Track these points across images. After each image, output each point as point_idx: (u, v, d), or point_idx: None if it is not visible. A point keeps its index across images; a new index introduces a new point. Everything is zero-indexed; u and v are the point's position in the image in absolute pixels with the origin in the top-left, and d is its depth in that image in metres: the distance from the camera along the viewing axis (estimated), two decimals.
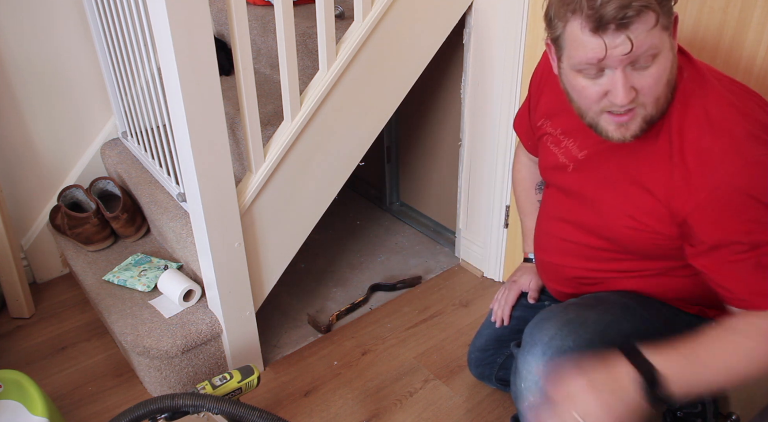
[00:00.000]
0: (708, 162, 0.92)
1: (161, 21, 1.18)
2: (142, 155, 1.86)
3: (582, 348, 1.03)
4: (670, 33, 0.89)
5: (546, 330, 1.06)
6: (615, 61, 0.87)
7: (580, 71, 0.92)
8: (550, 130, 1.18)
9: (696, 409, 1.42)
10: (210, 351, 1.60)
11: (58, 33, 1.83)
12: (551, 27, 0.93)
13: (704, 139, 0.93)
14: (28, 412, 1.30)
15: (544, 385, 1.03)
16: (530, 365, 1.05)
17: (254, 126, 1.41)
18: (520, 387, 1.08)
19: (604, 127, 0.96)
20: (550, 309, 1.11)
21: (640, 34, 0.85)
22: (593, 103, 0.94)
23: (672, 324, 1.11)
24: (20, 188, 1.92)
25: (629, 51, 0.86)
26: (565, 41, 0.91)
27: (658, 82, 0.90)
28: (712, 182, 0.91)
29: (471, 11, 1.71)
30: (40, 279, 2.05)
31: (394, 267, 2.10)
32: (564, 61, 0.94)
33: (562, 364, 1.00)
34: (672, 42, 0.90)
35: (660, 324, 1.09)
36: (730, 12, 1.20)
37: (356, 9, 1.46)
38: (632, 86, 0.90)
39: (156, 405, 1.10)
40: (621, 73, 0.88)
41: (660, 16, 0.86)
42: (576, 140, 1.12)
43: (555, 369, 1.00)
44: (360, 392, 1.63)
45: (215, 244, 1.43)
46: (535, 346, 1.05)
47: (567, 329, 1.05)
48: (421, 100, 2.11)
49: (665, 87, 0.92)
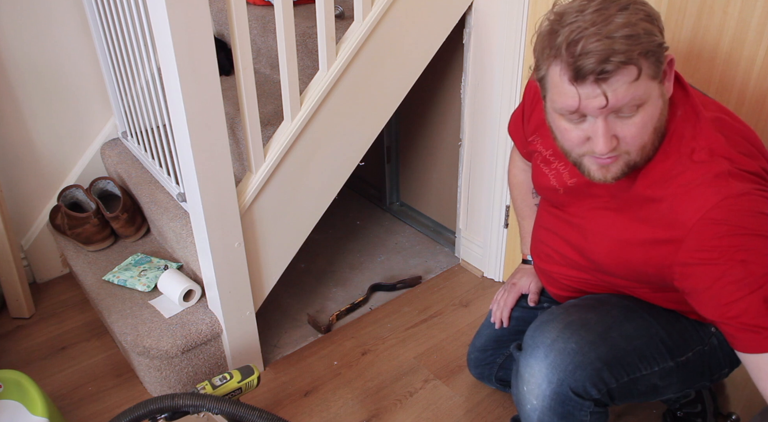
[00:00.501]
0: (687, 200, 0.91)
1: (161, 21, 1.18)
2: (142, 155, 1.86)
3: (584, 350, 1.04)
4: (659, 80, 0.87)
5: (548, 333, 1.06)
6: (593, 111, 0.86)
7: (562, 115, 0.91)
8: (541, 149, 1.17)
9: (696, 409, 1.43)
10: (210, 351, 1.60)
11: (58, 33, 1.83)
12: (536, 66, 0.92)
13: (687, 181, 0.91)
14: (28, 412, 1.30)
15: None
16: (533, 368, 1.05)
17: (254, 126, 1.41)
18: (523, 390, 1.08)
19: (586, 167, 0.96)
20: (551, 312, 1.11)
21: (620, 87, 0.83)
22: (575, 146, 0.93)
23: (673, 326, 1.11)
24: (20, 188, 1.92)
25: (604, 105, 0.84)
26: (548, 84, 0.90)
27: (642, 130, 0.88)
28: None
29: (471, 11, 1.71)
30: (40, 279, 2.05)
31: (394, 267, 2.10)
32: (548, 102, 0.93)
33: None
34: (662, 89, 0.88)
35: (661, 326, 1.09)
36: (730, 12, 1.20)
37: (356, 9, 1.46)
38: (614, 134, 0.88)
39: (156, 405, 1.10)
40: (602, 122, 0.87)
41: (643, 69, 0.83)
42: (567, 165, 1.11)
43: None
44: (360, 392, 1.63)
45: (215, 244, 1.43)
46: (537, 349, 1.05)
47: (569, 331, 1.05)
48: (421, 100, 2.11)
49: (652, 134, 0.90)
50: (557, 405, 1.05)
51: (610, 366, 1.04)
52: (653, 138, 0.91)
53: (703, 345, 1.13)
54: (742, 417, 1.47)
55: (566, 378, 1.03)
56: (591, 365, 1.03)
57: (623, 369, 1.06)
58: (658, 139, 0.92)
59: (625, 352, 1.06)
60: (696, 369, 1.13)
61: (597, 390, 1.05)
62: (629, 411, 1.55)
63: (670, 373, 1.10)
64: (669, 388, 1.13)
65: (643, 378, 1.08)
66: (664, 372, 1.10)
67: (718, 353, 1.14)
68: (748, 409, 1.46)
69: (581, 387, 1.03)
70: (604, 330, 1.06)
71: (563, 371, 1.03)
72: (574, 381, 1.03)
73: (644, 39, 0.82)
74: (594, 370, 1.03)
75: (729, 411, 1.50)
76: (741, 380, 1.45)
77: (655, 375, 1.09)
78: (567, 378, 1.03)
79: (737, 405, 1.48)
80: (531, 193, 1.41)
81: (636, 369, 1.07)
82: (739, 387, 1.47)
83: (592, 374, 1.03)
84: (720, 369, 1.17)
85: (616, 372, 1.05)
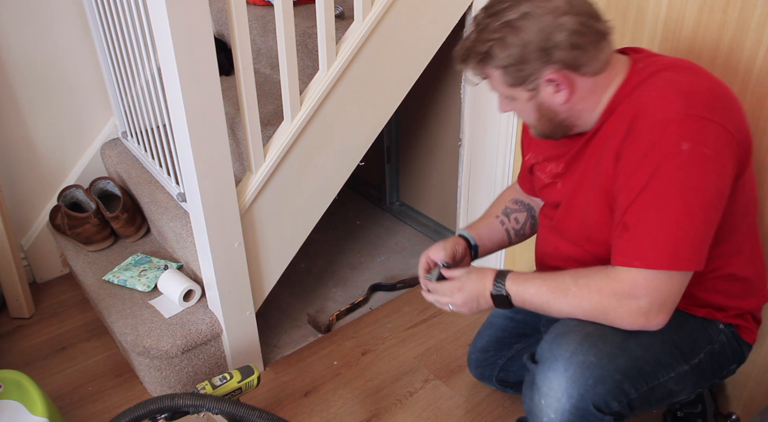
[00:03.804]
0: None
1: (161, 21, 1.18)
2: (142, 155, 1.86)
3: (603, 363, 1.02)
4: (529, 89, 1.02)
5: (566, 346, 1.04)
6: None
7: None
8: (535, 159, 1.26)
9: (696, 409, 1.42)
10: (210, 351, 1.60)
11: (58, 33, 1.83)
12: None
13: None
14: (28, 412, 1.30)
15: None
16: (552, 381, 1.03)
17: (254, 126, 1.41)
18: (540, 404, 1.06)
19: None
20: (566, 324, 1.09)
21: (492, 80, 1.06)
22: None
23: (683, 328, 1.10)
24: (20, 188, 1.92)
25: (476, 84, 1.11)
26: None
27: (524, 115, 1.09)
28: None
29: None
30: (40, 279, 2.05)
31: (394, 267, 2.10)
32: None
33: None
34: (535, 94, 1.03)
35: (672, 330, 1.06)
36: (730, 12, 1.20)
37: (356, 9, 1.46)
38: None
39: (156, 405, 1.10)
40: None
41: (493, 78, 1.04)
42: (554, 160, 1.18)
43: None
44: (360, 392, 1.63)
45: (215, 244, 1.43)
46: (556, 362, 1.04)
47: (587, 344, 1.03)
48: (421, 100, 2.10)
49: (541, 119, 1.07)
50: (576, 419, 1.03)
51: (629, 378, 1.03)
52: (545, 123, 1.07)
53: (712, 344, 1.13)
54: (742, 417, 1.46)
55: (587, 392, 1.01)
56: (611, 377, 1.02)
57: (642, 378, 1.05)
58: (559, 124, 1.07)
59: (644, 362, 1.05)
60: (708, 369, 1.13)
61: (618, 403, 1.03)
62: None
63: (685, 377, 1.10)
64: (683, 391, 1.13)
65: (661, 386, 1.07)
66: (679, 376, 1.09)
67: (727, 349, 1.14)
68: (748, 409, 1.46)
69: (602, 402, 1.02)
70: (621, 341, 1.04)
71: (583, 385, 1.01)
72: (595, 396, 1.01)
73: (498, 56, 1.00)
74: (614, 383, 1.02)
75: (729, 411, 1.50)
76: (741, 380, 1.45)
77: (671, 381, 1.08)
78: (587, 392, 1.01)
79: (737, 405, 1.48)
80: (508, 202, 1.45)
81: (654, 377, 1.06)
82: (739, 387, 1.47)
83: (612, 387, 1.02)
84: (728, 366, 1.17)
85: (636, 382, 1.04)
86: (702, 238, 0.95)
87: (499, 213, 1.40)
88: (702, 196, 0.92)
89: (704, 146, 0.91)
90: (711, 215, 0.94)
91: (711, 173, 0.92)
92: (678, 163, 0.91)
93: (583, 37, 0.96)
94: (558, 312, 1.05)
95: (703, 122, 0.92)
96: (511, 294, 1.08)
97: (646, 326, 0.98)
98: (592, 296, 1.00)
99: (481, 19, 1.01)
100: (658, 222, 0.93)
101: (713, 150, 0.92)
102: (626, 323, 0.99)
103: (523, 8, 0.96)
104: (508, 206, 1.40)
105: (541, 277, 1.07)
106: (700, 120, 0.92)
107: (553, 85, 1.01)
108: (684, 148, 0.91)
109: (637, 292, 0.95)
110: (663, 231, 0.93)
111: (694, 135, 0.92)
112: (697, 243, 0.94)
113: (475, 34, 1.01)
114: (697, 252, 0.94)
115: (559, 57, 0.97)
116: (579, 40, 0.96)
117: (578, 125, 1.07)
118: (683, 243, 0.93)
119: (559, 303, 1.03)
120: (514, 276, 1.10)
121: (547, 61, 0.97)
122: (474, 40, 1.01)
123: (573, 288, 1.01)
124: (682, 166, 0.91)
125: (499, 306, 1.11)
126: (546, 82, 1.01)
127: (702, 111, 0.93)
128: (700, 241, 0.94)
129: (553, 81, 1.00)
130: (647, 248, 0.94)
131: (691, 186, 0.92)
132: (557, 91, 1.01)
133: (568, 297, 1.02)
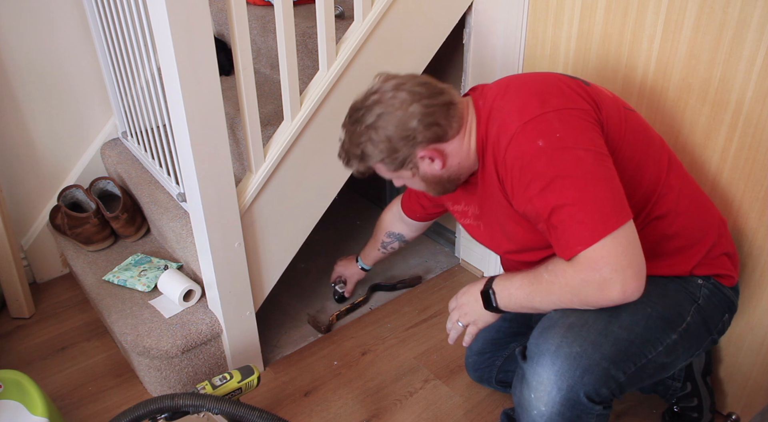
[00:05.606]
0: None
1: (161, 21, 1.18)
2: (142, 155, 1.86)
3: (588, 352, 1.04)
4: (409, 168, 1.16)
5: (551, 339, 1.07)
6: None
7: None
8: (452, 207, 1.37)
9: (692, 403, 1.43)
10: (210, 351, 1.60)
11: (58, 33, 1.83)
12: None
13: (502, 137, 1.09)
14: (28, 412, 1.30)
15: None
16: (540, 376, 1.07)
17: (254, 126, 1.41)
18: (530, 398, 1.09)
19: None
20: (550, 317, 1.13)
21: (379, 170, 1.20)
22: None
23: (663, 295, 1.13)
24: (20, 188, 1.92)
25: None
26: None
27: (414, 186, 1.23)
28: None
29: (471, 11, 1.71)
30: (40, 279, 2.05)
31: (394, 267, 2.10)
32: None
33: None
34: (415, 169, 1.16)
35: (653, 301, 1.10)
36: (730, 12, 1.21)
37: (356, 9, 1.46)
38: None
39: (156, 405, 1.10)
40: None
41: (378, 168, 1.18)
42: (471, 204, 1.30)
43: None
44: (360, 392, 1.63)
45: (215, 244, 1.43)
46: (543, 357, 1.07)
47: (571, 335, 1.06)
48: None
49: (426, 185, 1.21)
50: (566, 410, 1.06)
51: (616, 363, 1.05)
52: (435, 186, 1.20)
53: (696, 301, 1.15)
54: (742, 417, 1.47)
55: (575, 383, 1.04)
56: (597, 366, 1.04)
57: (630, 360, 1.07)
58: (447, 182, 1.20)
59: (629, 343, 1.07)
60: (698, 329, 1.15)
61: (607, 389, 1.06)
62: (629, 411, 1.56)
63: (675, 346, 1.11)
64: (677, 361, 1.15)
65: (650, 362, 1.09)
66: (668, 348, 1.11)
67: (713, 301, 1.16)
68: (748, 409, 1.46)
69: (592, 391, 1.04)
70: (604, 326, 1.07)
71: (571, 377, 1.04)
72: (584, 386, 1.04)
73: (372, 154, 1.14)
74: (601, 371, 1.04)
75: (729, 411, 1.50)
76: (741, 379, 1.45)
77: (661, 355, 1.10)
78: (576, 383, 1.04)
79: (737, 405, 1.48)
80: (382, 235, 1.75)
81: (641, 356, 1.08)
82: (739, 387, 1.47)
83: (600, 375, 1.04)
84: (720, 318, 1.19)
85: (624, 365, 1.06)
86: (613, 193, 1.02)
87: (378, 246, 1.77)
88: (585, 165, 1.01)
89: (553, 132, 1.03)
90: (604, 172, 1.02)
91: (576, 145, 1.02)
92: (547, 158, 1.02)
93: (433, 115, 1.10)
94: (540, 303, 1.10)
95: (540, 119, 1.04)
96: (497, 290, 1.15)
97: (624, 296, 1.00)
98: (564, 280, 1.04)
99: (348, 125, 1.16)
100: (574, 208, 1.00)
101: (562, 130, 1.03)
102: (604, 299, 1.01)
103: (377, 110, 1.11)
104: (384, 240, 1.74)
105: (522, 273, 1.14)
106: (536, 119, 1.04)
107: (427, 159, 1.14)
108: (541, 144, 1.02)
109: (595, 266, 0.99)
110: (582, 211, 1.00)
111: (540, 131, 1.03)
112: (611, 198, 1.01)
113: (348, 141, 1.17)
114: (618, 204, 1.01)
115: (422, 137, 1.11)
116: (431, 119, 1.10)
117: (464, 173, 1.19)
118: (603, 208, 0.99)
119: (539, 294, 1.09)
120: (501, 276, 1.18)
121: (413, 144, 1.12)
122: (349, 145, 1.17)
123: (545, 275, 1.07)
124: (551, 157, 1.02)
125: (488, 307, 1.17)
126: (420, 159, 1.15)
127: (534, 111, 1.05)
128: (614, 195, 1.01)
129: (425, 157, 1.14)
130: (581, 231, 0.99)
131: (570, 165, 1.01)
132: (432, 162, 1.15)
133: (543, 284, 1.08)
